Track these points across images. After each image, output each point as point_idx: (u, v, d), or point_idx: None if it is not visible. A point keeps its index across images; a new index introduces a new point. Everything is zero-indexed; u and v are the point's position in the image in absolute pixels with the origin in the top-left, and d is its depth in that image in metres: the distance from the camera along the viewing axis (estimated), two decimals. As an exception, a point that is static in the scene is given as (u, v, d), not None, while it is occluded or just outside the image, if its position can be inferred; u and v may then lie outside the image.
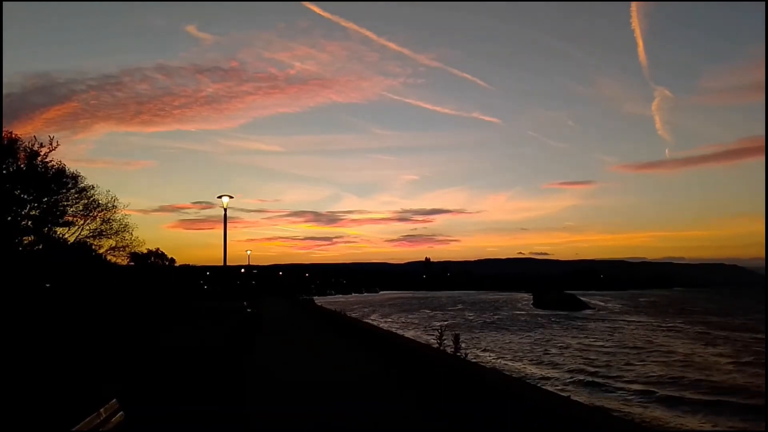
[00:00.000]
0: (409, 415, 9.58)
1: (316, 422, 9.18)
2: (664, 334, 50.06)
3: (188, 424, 9.25)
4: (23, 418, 5.07)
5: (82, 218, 38.98)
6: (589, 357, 34.74)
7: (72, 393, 7.13)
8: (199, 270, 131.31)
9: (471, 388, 9.72)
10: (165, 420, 9.23)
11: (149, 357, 17.29)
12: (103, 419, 5.20)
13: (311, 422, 9.21)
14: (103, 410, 5.28)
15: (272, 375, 14.32)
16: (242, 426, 9.23)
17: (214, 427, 9.15)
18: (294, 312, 51.97)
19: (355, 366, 15.73)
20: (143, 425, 8.09)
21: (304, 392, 11.88)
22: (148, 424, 8.45)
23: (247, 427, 9.17)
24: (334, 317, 37.33)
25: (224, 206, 25.81)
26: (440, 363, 11.80)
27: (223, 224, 25.83)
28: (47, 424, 4.97)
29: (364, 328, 26.86)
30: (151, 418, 8.73)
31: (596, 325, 60.47)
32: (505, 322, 66.08)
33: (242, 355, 17.82)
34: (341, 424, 9.13)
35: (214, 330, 27.52)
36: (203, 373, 14.28)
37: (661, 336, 48.54)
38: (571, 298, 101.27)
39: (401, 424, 9.09)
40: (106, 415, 5.28)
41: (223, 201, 25.71)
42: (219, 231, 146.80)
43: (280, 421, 9.48)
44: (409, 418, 9.39)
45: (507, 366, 30.20)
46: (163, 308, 47.07)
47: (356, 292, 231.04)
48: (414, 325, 62.67)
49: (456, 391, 9.85)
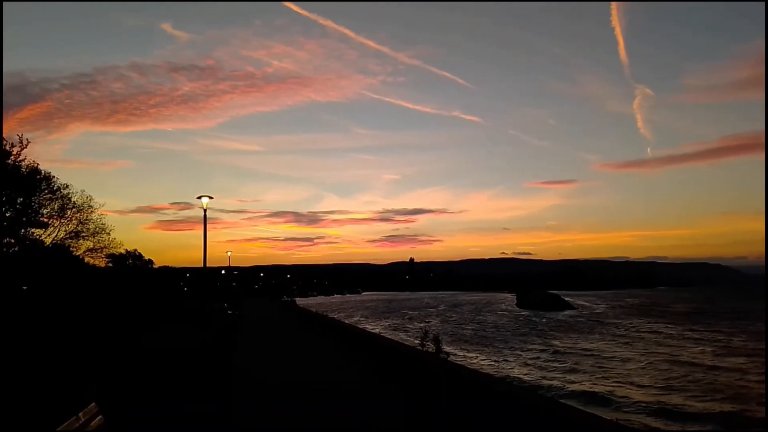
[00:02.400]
0: (394, 413, 9.36)
1: (300, 425, 8.92)
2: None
3: (169, 424, 8.95)
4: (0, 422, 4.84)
5: (57, 219, 38.11)
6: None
7: (51, 396, 6.86)
8: (179, 272, 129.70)
9: (459, 387, 9.53)
10: (144, 422, 8.91)
11: (129, 359, 16.86)
12: (82, 423, 5.11)
13: (295, 424, 8.95)
14: (81, 414, 5.20)
15: (255, 376, 14.01)
16: (225, 427, 8.96)
17: (197, 428, 8.86)
18: (276, 313, 51.54)
19: (339, 366, 15.49)
20: (124, 428, 7.78)
21: (287, 394, 11.59)
22: (128, 427, 8.14)
23: (230, 429, 8.90)
24: (317, 319, 37.15)
25: (203, 207, 25.34)
26: (423, 362, 11.65)
27: (202, 225, 25.38)
28: (25, 428, 4.78)
29: (344, 328, 26.69)
30: (131, 420, 8.45)
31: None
32: (498, 329, 65.89)
33: (224, 357, 17.43)
34: (326, 425, 8.88)
35: (194, 332, 27.08)
36: (185, 374, 13.90)
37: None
38: (554, 298, 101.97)
39: (386, 422, 8.88)
40: (85, 419, 5.21)
41: (203, 202, 25.24)
42: (198, 232, 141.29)
43: (263, 422, 9.18)
44: (393, 417, 9.17)
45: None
46: (142, 310, 46.37)
47: (338, 293, 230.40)
48: (395, 326, 62.49)
49: (440, 389, 9.69)
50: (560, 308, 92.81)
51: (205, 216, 25.46)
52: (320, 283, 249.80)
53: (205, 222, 25.49)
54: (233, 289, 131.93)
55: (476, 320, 70.10)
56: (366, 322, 66.66)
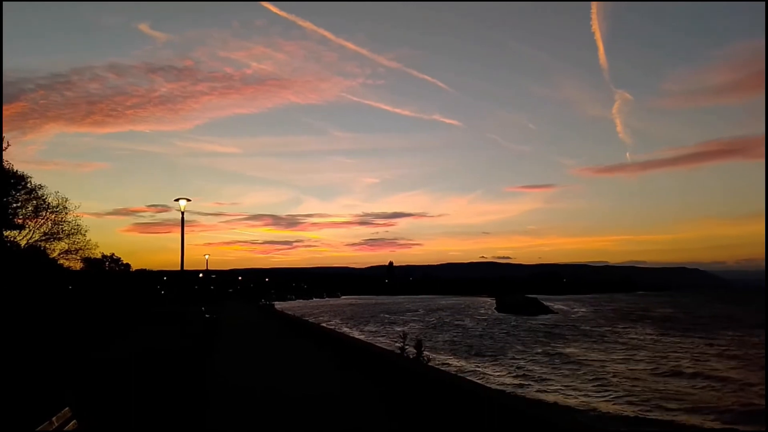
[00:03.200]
0: (375, 416, 9.26)
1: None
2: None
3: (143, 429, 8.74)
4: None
5: (32, 221, 37.31)
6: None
7: (24, 402, 6.63)
8: (156, 275, 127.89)
9: (439, 392, 9.49)
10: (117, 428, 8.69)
11: (104, 365, 16.46)
12: (56, 427, 4.96)
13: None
14: (55, 418, 5.12)
15: (233, 383, 13.76)
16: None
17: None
18: (254, 317, 50.99)
19: (321, 373, 15.32)
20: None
21: (268, 401, 11.40)
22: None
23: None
24: (295, 323, 36.86)
25: (181, 209, 25.08)
26: (404, 366, 11.58)
27: (180, 228, 25.07)
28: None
29: (323, 333, 26.48)
30: (104, 425, 8.24)
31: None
32: (477, 334, 65.99)
33: (201, 362, 17.14)
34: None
35: (171, 335, 26.81)
36: (160, 380, 13.61)
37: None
38: (533, 303, 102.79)
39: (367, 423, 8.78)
40: (58, 424, 5.04)
41: (180, 204, 24.99)
42: (176, 235, 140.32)
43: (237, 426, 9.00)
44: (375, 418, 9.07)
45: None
46: (118, 314, 45.52)
47: (317, 297, 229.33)
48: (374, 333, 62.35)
49: (424, 393, 9.68)
50: (539, 312, 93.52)
51: (182, 219, 25.18)
52: (299, 286, 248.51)
53: (182, 225, 25.23)
54: (211, 293, 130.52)
55: (455, 324, 70.22)
56: (344, 326, 66.38)
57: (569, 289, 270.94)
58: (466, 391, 8.70)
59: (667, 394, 23.59)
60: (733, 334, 51.90)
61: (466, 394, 8.51)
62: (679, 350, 39.79)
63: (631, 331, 57.69)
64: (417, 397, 10.01)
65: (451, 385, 9.42)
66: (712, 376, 28.23)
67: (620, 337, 50.23)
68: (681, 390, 24.60)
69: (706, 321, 71.22)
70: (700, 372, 29.48)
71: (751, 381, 26.50)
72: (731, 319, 73.89)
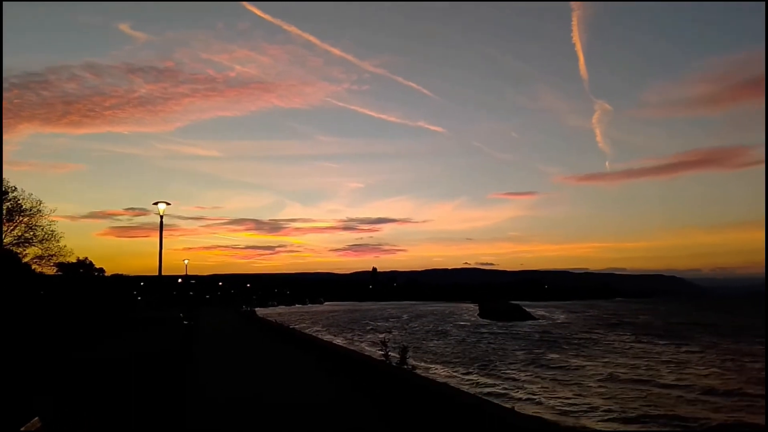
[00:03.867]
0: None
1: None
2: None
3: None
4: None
5: (5, 224, 36.31)
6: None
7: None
8: (133, 280, 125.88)
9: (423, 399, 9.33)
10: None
11: (77, 373, 15.87)
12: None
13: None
14: (24, 428, 4.82)
15: (211, 392, 13.33)
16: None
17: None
18: (234, 324, 50.24)
19: (306, 380, 14.93)
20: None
21: (247, 411, 11.01)
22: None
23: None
24: (277, 329, 36.40)
25: (160, 213, 24.54)
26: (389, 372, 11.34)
27: (159, 232, 24.52)
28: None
29: (305, 339, 26.13)
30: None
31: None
32: (460, 340, 65.82)
33: (181, 371, 16.62)
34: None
35: (148, 342, 26.20)
36: (136, 390, 13.11)
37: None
38: (516, 309, 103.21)
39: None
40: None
41: (160, 208, 24.46)
42: (154, 239, 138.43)
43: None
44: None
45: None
46: (92, 321, 44.51)
47: (300, 303, 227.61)
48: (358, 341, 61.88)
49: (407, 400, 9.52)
50: (521, 319, 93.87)
51: (161, 223, 24.59)
52: (281, 292, 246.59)
53: (161, 229, 24.63)
54: (190, 299, 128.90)
55: (439, 331, 70.10)
56: (327, 333, 65.84)
57: (551, 296, 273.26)
58: (447, 396, 8.58)
59: (653, 402, 23.61)
60: (710, 340, 52.53)
61: (447, 400, 8.38)
62: (659, 356, 40.04)
63: (611, 337, 58.01)
64: (404, 403, 9.76)
65: (437, 393, 9.27)
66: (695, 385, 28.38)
67: (599, 344, 50.47)
68: (665, 399, 24.65)
69: (689, 328, 72.06)
70: (682, 379, 29.64)
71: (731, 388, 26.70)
72: (712, 326, 74.88)
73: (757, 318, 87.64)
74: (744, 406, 22.67)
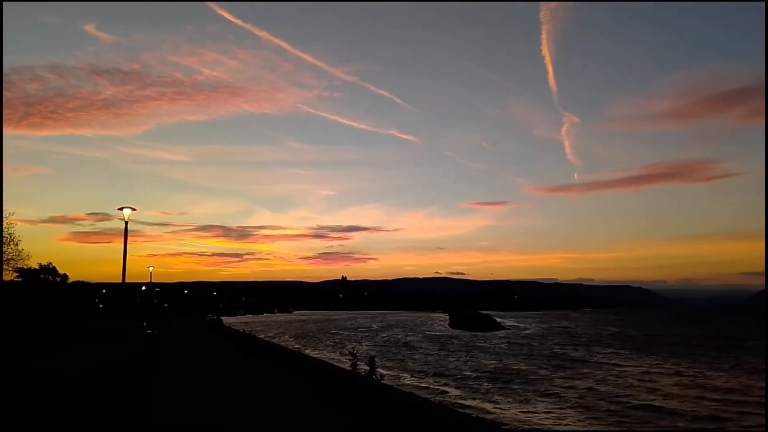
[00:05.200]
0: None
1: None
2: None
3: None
4: None
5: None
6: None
7: None
8: (95, 287, 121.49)
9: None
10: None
11: (28, 384, 14.34)
12: None
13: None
14: None
15: (173, 401, 11.91)
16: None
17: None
18: (199, 333, 48.38)
19: (276, 391, 13.48)
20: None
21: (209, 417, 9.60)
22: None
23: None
24: (242, 338, 34.92)
25: (125, 219, 22.87)
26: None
27: (123, 238, 22.83)
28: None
29: (271, 348, 24.78)
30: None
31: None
32: (428, 351, 64.55)
33: (143, 383, 15.08)
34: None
35: (109, 352, 24.96)
36: (93, 405, 11.65)
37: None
38: (486, 319, 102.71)
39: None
40: None
41: (124, 213, 22.81)
42: (117, 245, 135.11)
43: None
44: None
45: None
46: (50, 329, 42.17)
47: (268, 311, 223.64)
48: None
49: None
50: (492, 329, 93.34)
51: (126, 228, 23.06)
52: (249, 301, 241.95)
53: (125, 235, 23.04)
54: (155, 307, 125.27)
55: (408, 341, 68.84)
56: (295, 344, 63.97)
57: (520, 306, 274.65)
58: (409, 404, 8.29)
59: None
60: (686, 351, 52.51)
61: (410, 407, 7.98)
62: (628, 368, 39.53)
63: (580, 349, 57.66)
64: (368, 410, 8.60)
65: (394, 398, 8.56)
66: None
67: (568, 355, 49.93)
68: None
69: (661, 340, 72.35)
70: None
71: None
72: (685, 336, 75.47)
73: (722, 328, 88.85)
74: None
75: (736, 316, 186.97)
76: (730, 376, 35.05)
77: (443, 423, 6.76)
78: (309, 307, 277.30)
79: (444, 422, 6.75)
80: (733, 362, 43.20)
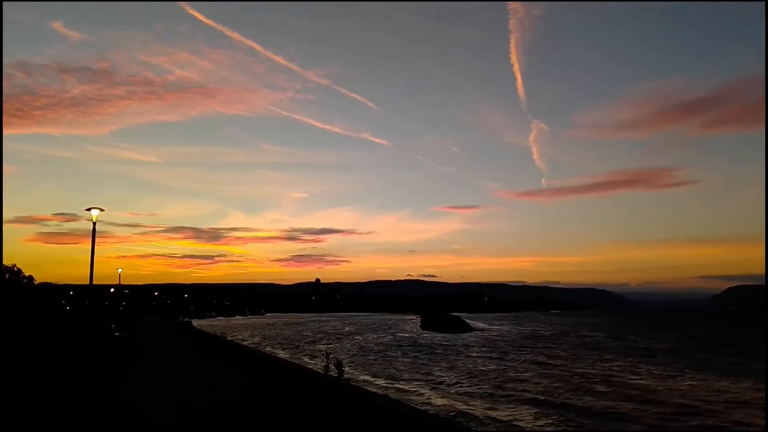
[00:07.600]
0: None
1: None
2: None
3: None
4: None
5: None
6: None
7: None
8: (62, 289, 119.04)
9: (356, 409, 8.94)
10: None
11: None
12: None
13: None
14: None
15: (140, 407, 12.18)
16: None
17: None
18: (170, 335, 48.10)
19: (245, 395, 13.92)
20: None
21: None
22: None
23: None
24: (213, 340, 35.05)
25: (93, 219, 23.01)
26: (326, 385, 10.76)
27: (91, 239, 22.91)
28: None
29: (242, 350, 25.05)
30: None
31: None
32: (396, 353, 65.09)
33: (106, 387, 15.28)
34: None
35: (75, 356, 24.59)
36: (55, 412, 11.81)
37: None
38: (456, 321, 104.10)
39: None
40: None
41: (92, 214, 22.95)
42: (85, 246, 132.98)
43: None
44: None
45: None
46: (14, 331, 41.44)
47: (240, 314, 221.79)
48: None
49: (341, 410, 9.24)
50: (462, 330, 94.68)
51: (94, 229, 23.13)
52: (220, 303, 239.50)
53: (93, 236, 23.11)
54: (123, 309, 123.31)
55: (379, 343, 69.42)
56: (268, 345, 63.97)
57: (490, 308, 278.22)
58: (373, 404, 8.26)
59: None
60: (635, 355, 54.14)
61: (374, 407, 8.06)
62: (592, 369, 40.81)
63: (545, 349, 59.05)
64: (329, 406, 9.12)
65: (361, 399, 8.98)
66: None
67: (533, 353, 51.15)
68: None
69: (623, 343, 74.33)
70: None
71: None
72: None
73: (678, 331, 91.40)
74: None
75: (701, 317, 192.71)
76: None
77: (391, 416, 7.22)
78: (282, 310, 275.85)
79: (392, 415, 7.22)
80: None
